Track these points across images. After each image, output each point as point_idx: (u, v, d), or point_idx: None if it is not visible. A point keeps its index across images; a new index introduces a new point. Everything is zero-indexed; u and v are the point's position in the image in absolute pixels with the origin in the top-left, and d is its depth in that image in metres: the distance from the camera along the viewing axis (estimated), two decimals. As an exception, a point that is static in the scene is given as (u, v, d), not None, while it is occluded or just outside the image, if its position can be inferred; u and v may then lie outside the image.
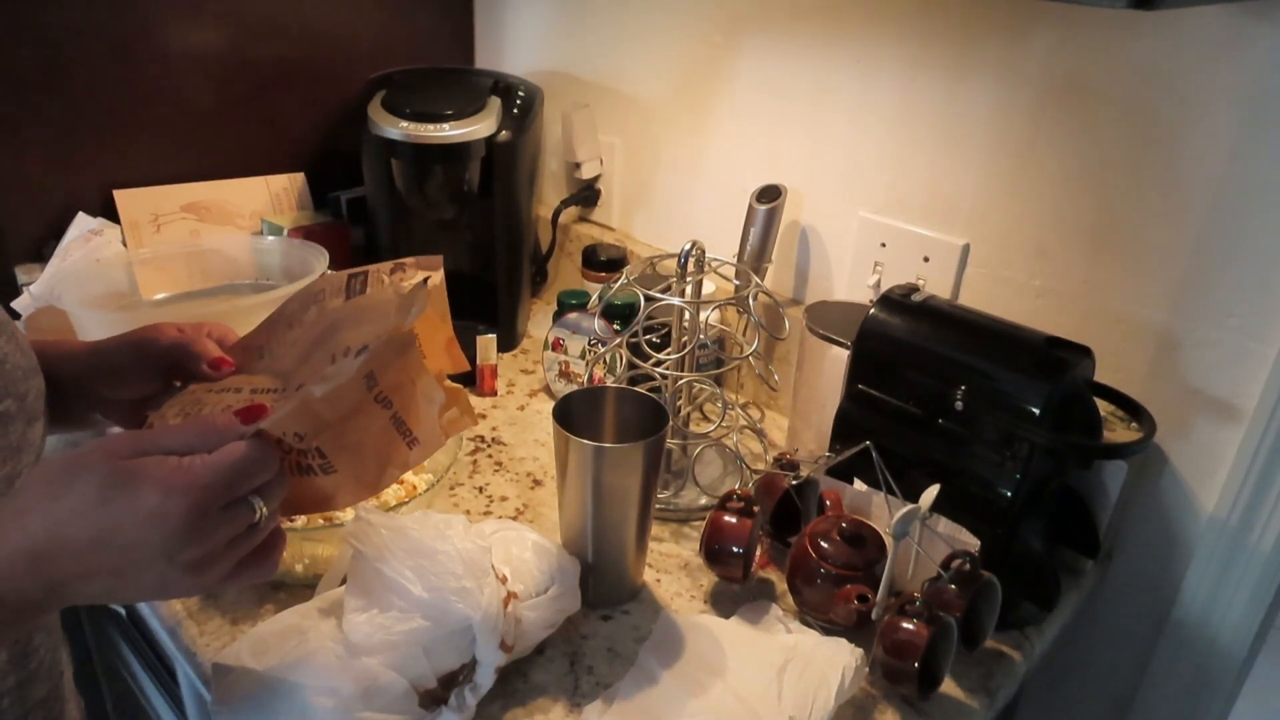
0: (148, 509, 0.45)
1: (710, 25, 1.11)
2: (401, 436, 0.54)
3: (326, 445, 0.51)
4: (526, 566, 0.73)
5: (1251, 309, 0.78)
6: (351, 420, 0.51)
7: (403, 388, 0.53)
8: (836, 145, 1.03)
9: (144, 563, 0.46)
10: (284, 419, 0.49)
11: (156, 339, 0.64)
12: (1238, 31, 0.74)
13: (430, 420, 0.54)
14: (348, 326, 0.56)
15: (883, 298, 0.84)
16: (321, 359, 0.55)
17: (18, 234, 1.14)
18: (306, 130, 1.33)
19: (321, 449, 0.51)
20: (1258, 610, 0.84)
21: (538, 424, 1.07)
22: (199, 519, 0.46)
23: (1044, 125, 0.86)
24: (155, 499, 0.45)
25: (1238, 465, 0.82)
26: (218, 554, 0.48)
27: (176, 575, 0.47)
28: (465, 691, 0.66)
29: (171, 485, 0.45)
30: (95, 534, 0.45)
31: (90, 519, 0.45)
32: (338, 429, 0.51)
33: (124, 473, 0.46)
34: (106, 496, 0.45)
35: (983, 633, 0.74)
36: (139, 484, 0.45)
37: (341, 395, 0.50)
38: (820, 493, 0.83)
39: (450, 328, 0.61)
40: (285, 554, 0.75)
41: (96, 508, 0.45)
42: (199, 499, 0.46)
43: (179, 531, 0.45)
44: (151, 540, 0.45)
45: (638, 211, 1.30)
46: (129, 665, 1.13)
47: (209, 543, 0.47)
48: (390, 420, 0.53)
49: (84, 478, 0.46)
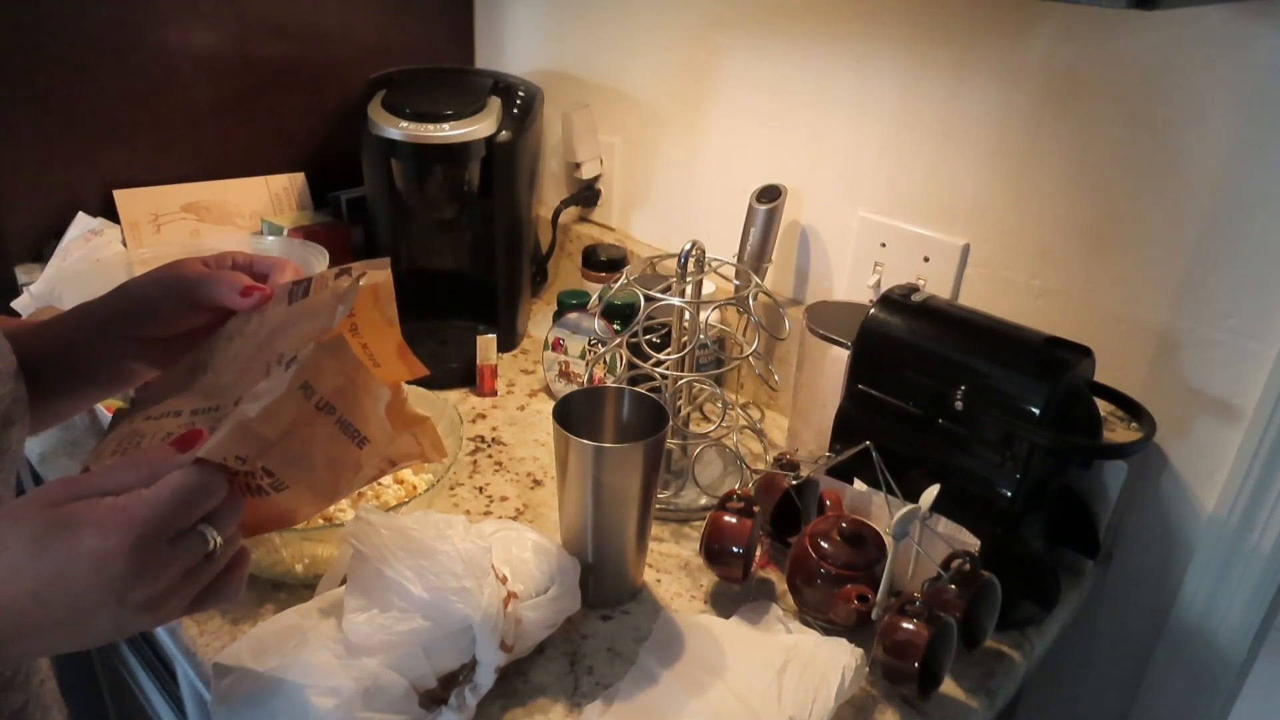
0: (87, 553, 0.42)
1: (710, 25, 1.11)
2: (350, 439, 0.51)
3: (272, 463, 0.48)
4: (526, 566, 0.73)
5: (1251, 309, 0.78)
6: (295, 433, 0.49)
7: (344, 390, 0.50)
8: (836, 145, 1.03)
9: (92, 610, 0.44)
10: (222, 443, 0.46)
11: (183, 273, 0.59)
12: (1238, 31, 0.74)
13: (378, 418, 0.52)
14: (283, 333, 0.54)
15: (883, 298, 0.84)
16: (258, 370, 0.52)
17: (18, 234, 1.14)
18: (306, 130, 1.33)
19: (268, 468, 0.48)
20: (1258, 610, 0.84)
21: (538, 424, 1.07)
22: (144, 557, 0.43)
23: (1044, 125, 0.86)
24: (95, 542, 0.42)
25: (1238, 465, 0.82)
26: (172, 588, 0.45)
27: (129, 617, 0.45)
28: (465, 691, 0.66)
29: (109, 526, 0.43)
30: (36, 587, 0.43)
31: (28, 573, 0.43)
32: (281, 445, 0.48)
33: (58, 520, 0.43)
34: (43, 546, 0.43)
35: (983, 633, 0.74)
36: (74, 529, 0.43)
37: (278, 411, 0.48)
38: (820, 493, 0.83)
39: (398, 332, 0.58)
40: (285, 554, 0.76)
41: (33, 560, 0.43)
42: (141, 535, 0.43)
43: (124, 574, 0.43)
44: (96, 585, 0.43)
45: (637, 211, 1.30)
46: (129, 665, 1.13)
47: (160, 580, 0.44)
48: (336, 424, 0.50)
49: (17, 531, 0.43)
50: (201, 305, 0.59)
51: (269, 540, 0.75)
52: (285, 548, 0.75)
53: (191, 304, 0.59)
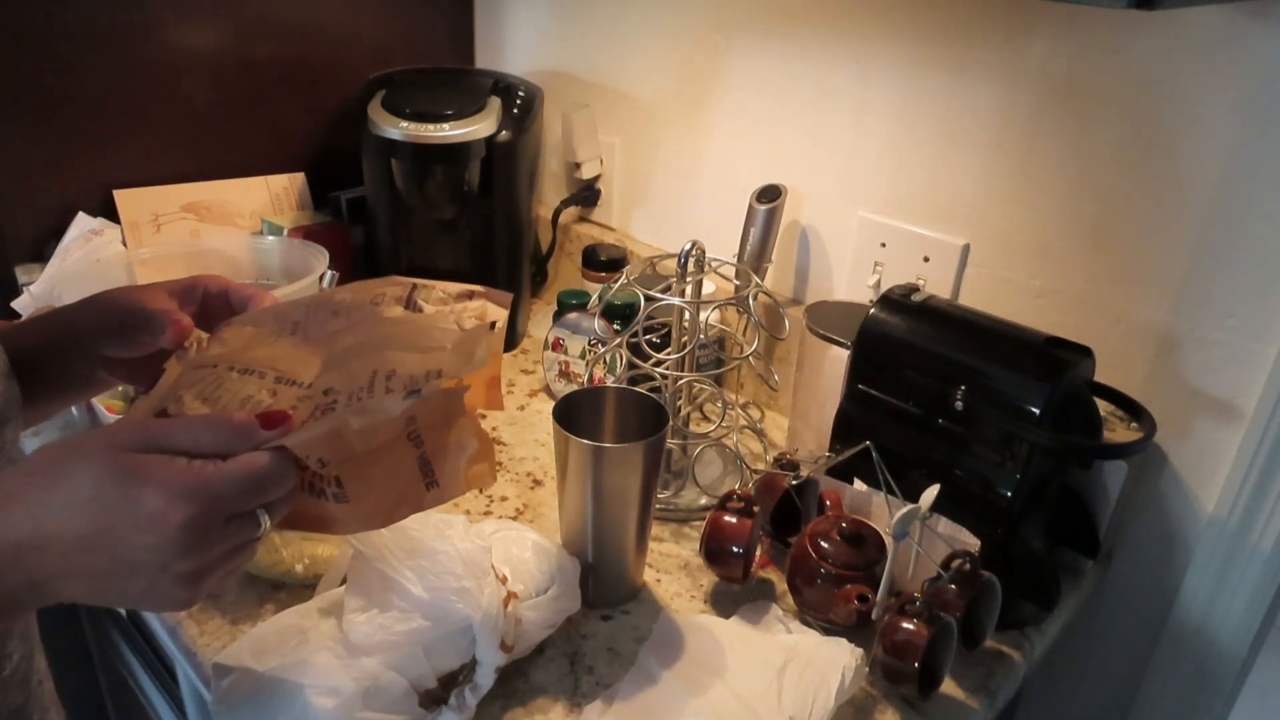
0: (148, 512, 0.41)
1: (710, 25, 1.11)
2: (423, 477, 0.51)
3: (347, 475, 0.48)
4: (526, 566, 0.73)
5: (1251, 309, 0.78)
6: (378, 454, 0.48)
7: (437, 429, 0.50)
8: (836, 145, 1.03)
9: (135, 568, 0.42)
10: (312, 441, 0.46)
11: (121, 305, 0.57)
12: (1238, 31, 0.74)
13: (455, 468, 0.52)
14: (399, 347, 0.53)
15: (883, 298, 0.84)
16: (361, 370, 0.51)
17: (18, 234, 1.14)
18: (306, 130, 1.33)
19: (341, 478, 0.48)
20: (1258, 610, 0.84)
21: (538, 424, 1.07)
22: (201, 530, 0.42)
23: (1044, 125, 0.86)
24: (158, 502, 0.41)
25: (1238, 465, 0.82)
26: (213, 566, 0.44)
27: (166, 586, 0.43)
28: (465, 691, 0.66)
29: (177, 490, 0.42)
30: (87, 532, 0.41)
31: (82, 515, 0.41)
32: (362, 460, 0.48)
33: (126, 469, 0.42)
34: (103, 493, 0.41)
35: (983, 633, 0.74)
36: (141, 483, 0.41)
37: (377, 430, 0.47)
38: (820, 493, 0.83)
39: (499, 365, 0.57)
40: (285, 554, 0.76)
41: (90, 503, 0.41)
42: (205, 508, 0.42)
43: (177, 541, 0.42)
44: (146, 546, 0.42)
45: (638, 211, 1.30)
46: (129, 665, 1.13)
47: (206, 556, 0.43)
48: (417, 460, 0.50)
49: (81, 469, 0.42)
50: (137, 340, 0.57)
51: (269, 540, 0.75)
52: (285, 548, 0.75)
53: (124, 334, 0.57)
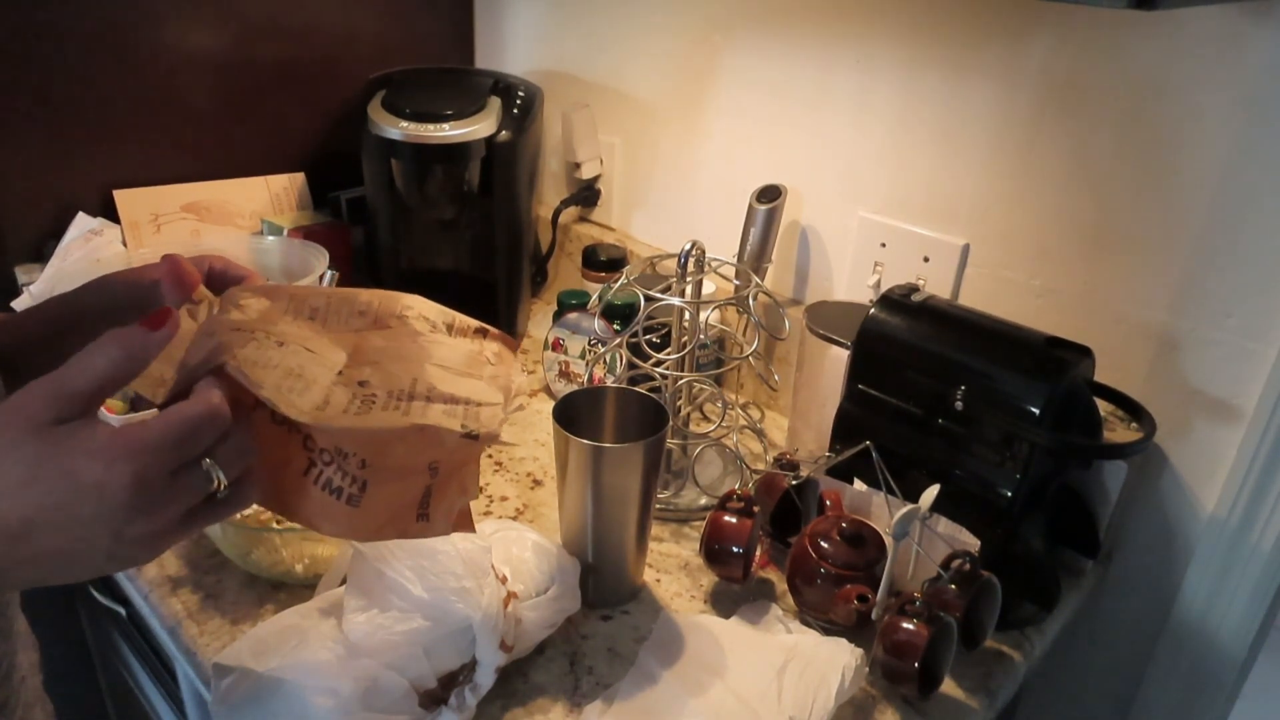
0: (90, 483, 0.41)
1: (710, 25, 1.11)
2: (419, 508, 0.51)
3: (373, 482, 0.48)
4: (526, 566, 0.73)
5: (1251, 309, 0.78)
6: (404, 471, 0.49)
7: (454, 466, 0.51)
8: (836, 145, 1.03)
9: (89, 541, 0.42)
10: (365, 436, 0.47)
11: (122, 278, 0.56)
12: (1238, 32, 0.74)
13: (449, 509, 0.52)
14: (436, 363, 0.54)
15: (883, 298, 0.84)
16: (402, 374, 0.51)
17: (18, 234, 1.14)
18: (306, 130, 1.33)
19: (368, 483, 0.48)
20: (1258, 610, 0.84)
21: (538, 424, 1.07)
22: (147, 487, 0.42)
23: (1044, 125, 0.86)
24: (96, 469, 0.41)
25: (1238, 465, 0.82)
26: (171, 527, 0.44)
27: (126, 549, 0.43)
28: (465, 691, 0.66)
29: (113, 453, 0.41)
30: (30, 514, 0.41)
31: (20, 500, 0.40)
32: (390, 473, 0.48)
33: (56, 449, 0.41)
34: (40, 474, 0.41)
35: (983, 633, 0.74)
36: (75, 455, 0.41)
37: (424, 449, 0.49)
38: (820, 493, 0.83)
39: (476, 487, 0.58)
40: (285, 554, 0.76)
41: (28, 488, 0.40)
42: (144, 464, 0.41)
43: (126, 504, 0.41)
44: (97, 517, 0.41)
45: (638, 211, 1.30)
46: (129, 665, 1.13)
47: (160, 515, 0.43)
48: (423, 489, 0.51)
49: (8, 456, 0.41)
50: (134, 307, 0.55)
51: (269, 540, 0.75)
52: (285, 548, 0.75)
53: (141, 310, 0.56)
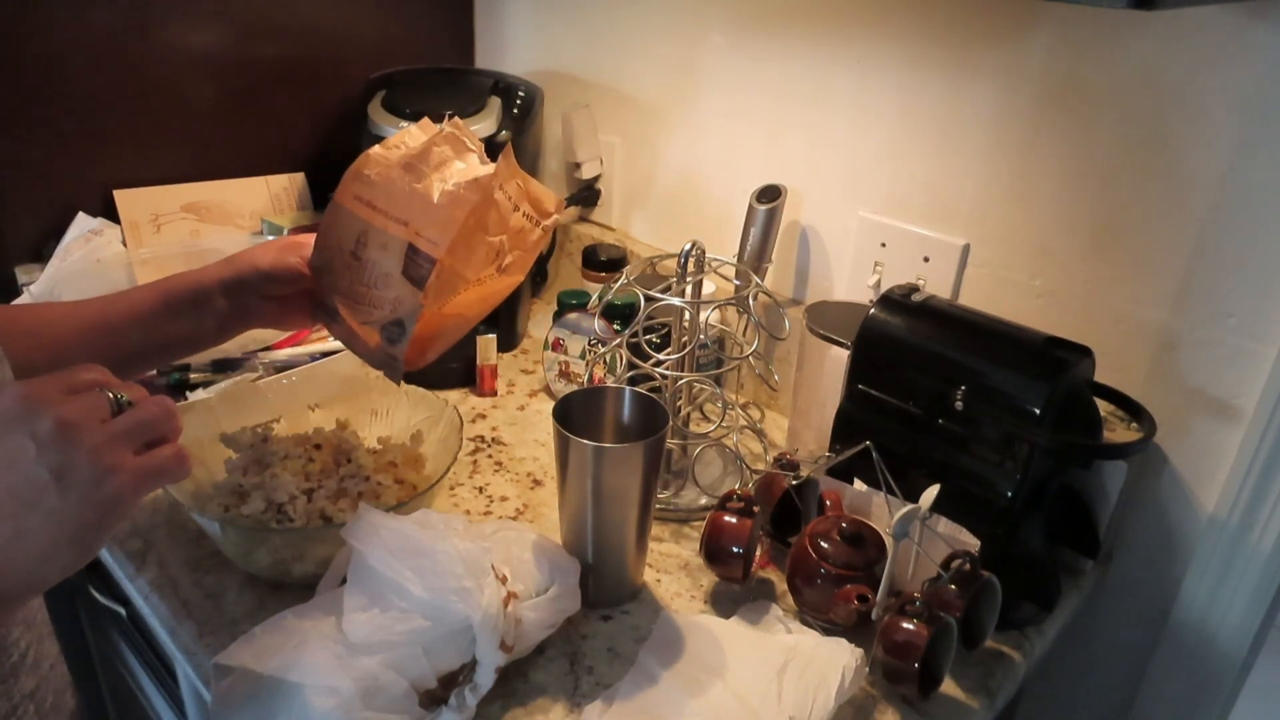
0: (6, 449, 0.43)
1: (710, 25, 1.11)
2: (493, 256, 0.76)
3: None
4: (526, 566, 0.73)
5: (1251, 309, 0.78)
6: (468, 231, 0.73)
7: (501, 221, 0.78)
8: (836, 145, 1.03)
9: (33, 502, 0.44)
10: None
11: (255, 266, 0.75)
12: (1238, 31, 0.74)
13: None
14: None
15: (883, 298, 0.84)
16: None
17: (18, 234, 1.14)
18: (306, 130, 1.33)
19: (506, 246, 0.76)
20: (1258, 610, 0.84)
21: (538, 424, 1.07)
22: (36, 400, 0.44)
23: (1044, 125, 0.86)
24: (6, 419, 0.44)
25: (1238, 465, 0.82)
26: (104, 448, 0.45)
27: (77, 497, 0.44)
28: (465, 691, 0.66)
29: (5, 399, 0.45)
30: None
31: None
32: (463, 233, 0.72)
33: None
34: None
35: (983, 633, 0.74)
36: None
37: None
38: (820, 493, 0.83)
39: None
40: (285, 554, 0.75)
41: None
42: (30, 384, 0.45)
43: (19, 416, 0.44)
44: (21, 459, 0.43)
45: (638, 211, 1.30)
46: (129, 665, 1.13)
47: (82, 446, 0.44)
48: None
49: None
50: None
51: (269, 540, 0.75)
52: (285, 548, 0.75)
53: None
